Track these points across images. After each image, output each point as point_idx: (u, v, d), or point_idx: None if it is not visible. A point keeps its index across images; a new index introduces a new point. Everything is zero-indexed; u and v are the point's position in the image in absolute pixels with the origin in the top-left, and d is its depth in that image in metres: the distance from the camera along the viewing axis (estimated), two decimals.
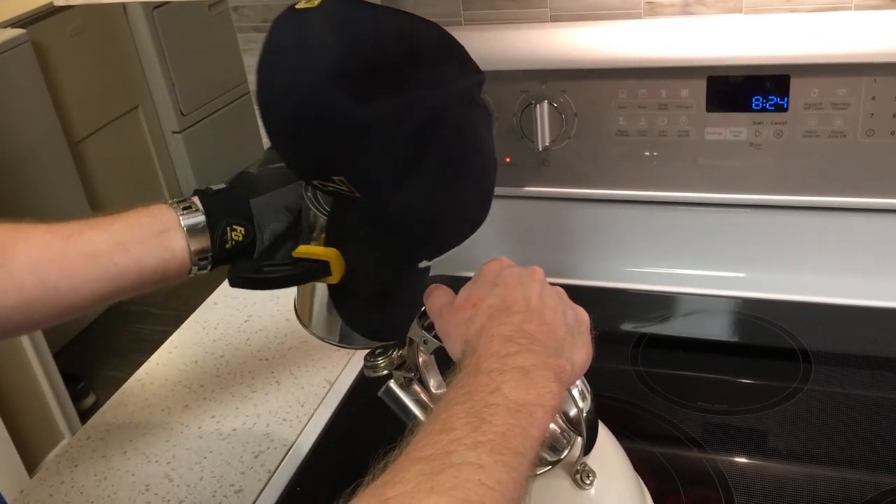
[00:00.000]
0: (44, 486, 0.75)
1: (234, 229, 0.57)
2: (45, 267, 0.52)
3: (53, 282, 0.52)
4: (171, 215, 0.55)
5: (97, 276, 0.53)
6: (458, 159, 0.53)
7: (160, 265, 0.55)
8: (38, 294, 0.52)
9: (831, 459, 0.68)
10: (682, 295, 0.90)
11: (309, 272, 0.56)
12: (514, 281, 0.49)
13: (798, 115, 0.79)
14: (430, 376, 0.56)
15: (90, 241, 0.53)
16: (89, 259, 0.53)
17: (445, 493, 0.35)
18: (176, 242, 0.55)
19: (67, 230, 0.54)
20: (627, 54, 0.81)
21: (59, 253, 0.53)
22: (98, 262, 0.53)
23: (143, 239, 0.54)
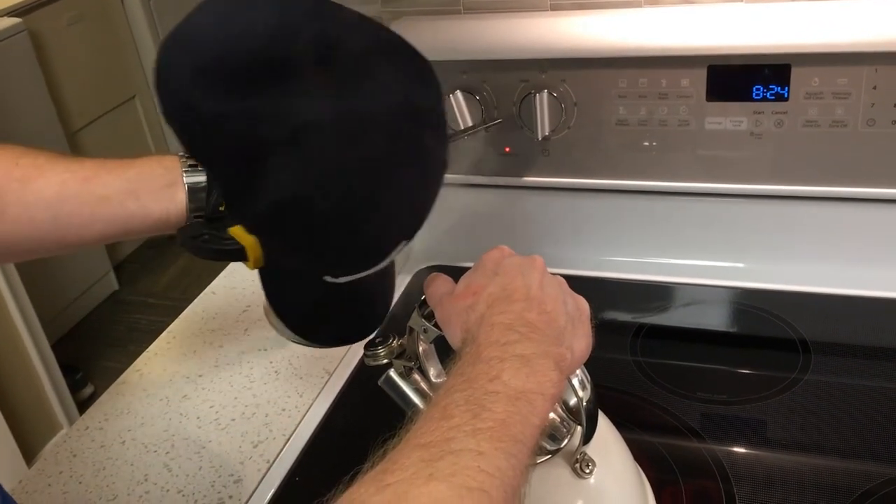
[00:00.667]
0: (42, 476, 0.75)
1: None
2: (59, 205, 0.53)
3: (65, 220, 0.54)
4: (179, 170, 0.55)
5: (106, 218, 0.54)
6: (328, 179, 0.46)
7: (163, 215, 0.55)
8: (49, 229, 0.54)
9: (830, 449, 0.68)
10: (682, 285, 0.90)
11: (230, 253, 0.54)
12: (514, 270, 0.49)
13: (799, 104, 0.78)
14: (430, 365, 0.56)
15: (105, 184, 0.54)
16: (102, 201, 0.54)
17: (445, 479, 0.35)
18: (178, 196, 0.55)
19: (86, 171, 0.55)
20: (628, 43, 0.80)
21: (75, 193, 0.54)
22: (109, 205, 0.53)
23: (153, 189, 0.54)
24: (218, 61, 0.44)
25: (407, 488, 0.34)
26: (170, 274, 2.83)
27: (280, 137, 0.44)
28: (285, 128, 0.44)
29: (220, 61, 0.44)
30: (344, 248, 0.50)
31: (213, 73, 0.44)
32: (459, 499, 0.34)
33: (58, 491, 0.73)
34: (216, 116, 0.44)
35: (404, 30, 0.89)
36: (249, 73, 0.44)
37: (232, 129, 0.45)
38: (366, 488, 0.35)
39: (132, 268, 2.88)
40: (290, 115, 0.44)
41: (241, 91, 0.44)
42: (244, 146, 0.45)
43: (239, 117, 0.44)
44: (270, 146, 0.44)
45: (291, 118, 0.44)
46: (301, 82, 0.44)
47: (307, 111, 0.44)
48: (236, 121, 0.44)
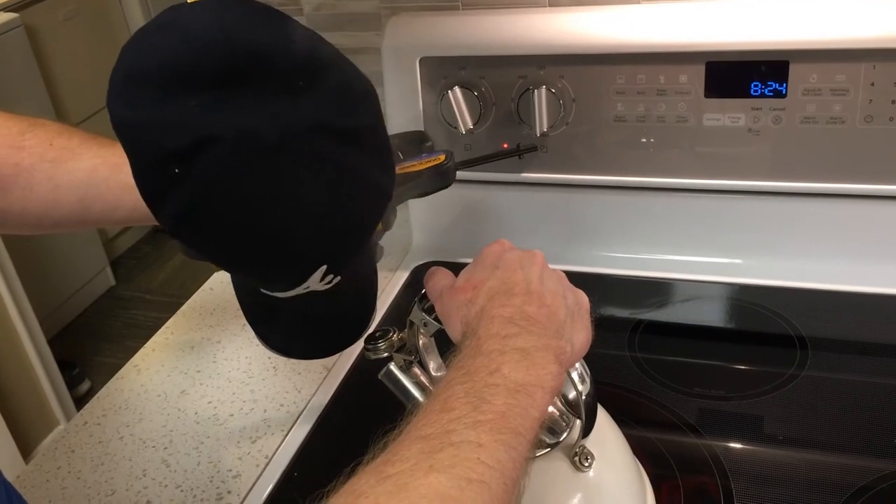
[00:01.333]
0: (40, 471, 0.75)
1: None
2: (87, 189, 0.55)
3: (91, 203, 0.55)
4: None
5: (129, 206, 0.55)
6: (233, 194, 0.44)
7: None
8: (75, 210, 0.55)
9: (827, 445, 0.68)
10: (680, 281, 0.90)
11: None
12: (514, 263, 0.49)
13: (797, 101, 0.78)
14: (430, 359, 0.56)
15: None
16: (127, 190, 0.54)
17: (445, 471, 0.35)
18: None
19: (117, 158, 0.55)
20: (626, 40, 0.81)
21: (104, 179, 0.55)
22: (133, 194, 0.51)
23: None
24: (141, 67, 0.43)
25: (407, 479, 0.35)
26: (167, 270, 2.83)
27: (181, 149, 0.42)
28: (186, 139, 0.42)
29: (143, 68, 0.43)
30: (250, 265, 0.48)
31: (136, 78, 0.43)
32: (459, 490, 0.34)
33: (56, 486, 0.73)
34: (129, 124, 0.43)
35: (402, 26, 0.89)
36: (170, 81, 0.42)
37: (140, 136, 0.43)
38: (366, 479, 0.35)
39: (129, 264, 2.88)
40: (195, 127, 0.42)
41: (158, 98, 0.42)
42: (151, 154, 0.43)
43: (147, 126, 0.42)
44: (172, 157, 0.42)
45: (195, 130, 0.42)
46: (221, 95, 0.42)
47: (210, 126, 0.42)
48: (145, 129, 0.43)
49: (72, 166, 0.55)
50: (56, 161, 0.55)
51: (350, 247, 0.49)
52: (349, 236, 0.48)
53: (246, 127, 0.42)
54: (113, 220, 0.57)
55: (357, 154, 0.46)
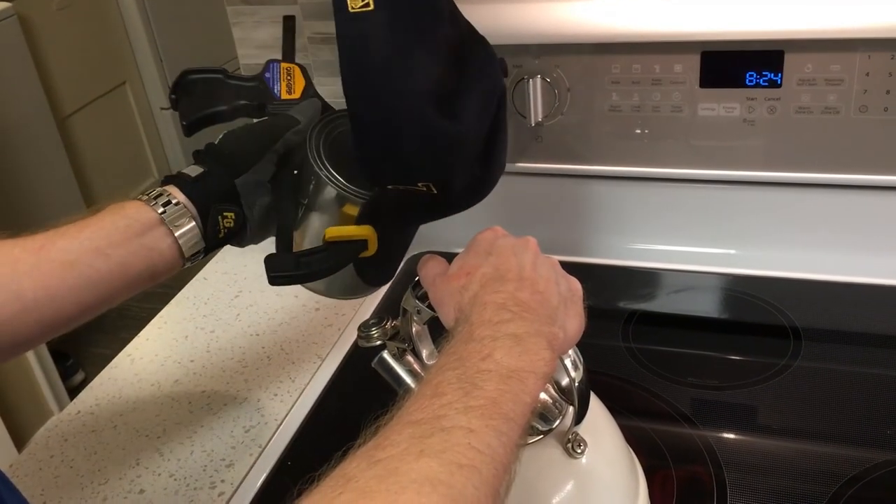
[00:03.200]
0: (33, 460, 0.75)
1: (224, 217, 0.55)
2: (18, 281, 0.49)
3: (31, 295, 0.49)
4: (149, 214, 0.53)
5: (78, 284, 0.51)
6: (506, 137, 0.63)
7: (146, 266, 0.53)
8: (17, 310, 0.49)
9: (820, 435, 0.68)
10: (674, 271, 0.90)
11: (349, 253, 0.55)
12: (507, 250, 0.49)
13: (791, 91, 0.78)
14: (423, 346, 0.56)
15: (63, 249, 0.51)
16: (66, 268, 0.50)
17: (435, 455, 0.35)
18: (161, 241, 0.53)
19: (37, 242, 0.51)
20: (621, 29, 0.80)
21: (33, 265, 0.50)
22: (76, 269, 0.50)
23: (121, 242, 0.52)
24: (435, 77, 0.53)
25: (398, 464, 0.35)
26: None
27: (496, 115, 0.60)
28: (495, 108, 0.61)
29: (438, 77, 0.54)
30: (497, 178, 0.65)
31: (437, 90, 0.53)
32: (450, 475, 0.34)
33: (49, 475, 0.72)
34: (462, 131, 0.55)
35: None
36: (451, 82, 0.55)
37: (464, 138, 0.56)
38: (357, 463, 0.35)
39: None
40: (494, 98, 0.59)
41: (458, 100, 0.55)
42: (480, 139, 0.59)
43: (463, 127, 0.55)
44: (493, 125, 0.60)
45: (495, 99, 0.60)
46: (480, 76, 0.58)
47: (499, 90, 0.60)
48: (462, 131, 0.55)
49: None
50: None
51: None
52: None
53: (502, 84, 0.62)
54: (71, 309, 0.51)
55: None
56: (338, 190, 0.57)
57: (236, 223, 0.56)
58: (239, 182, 0.57)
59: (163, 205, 0.53)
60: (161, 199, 0.54)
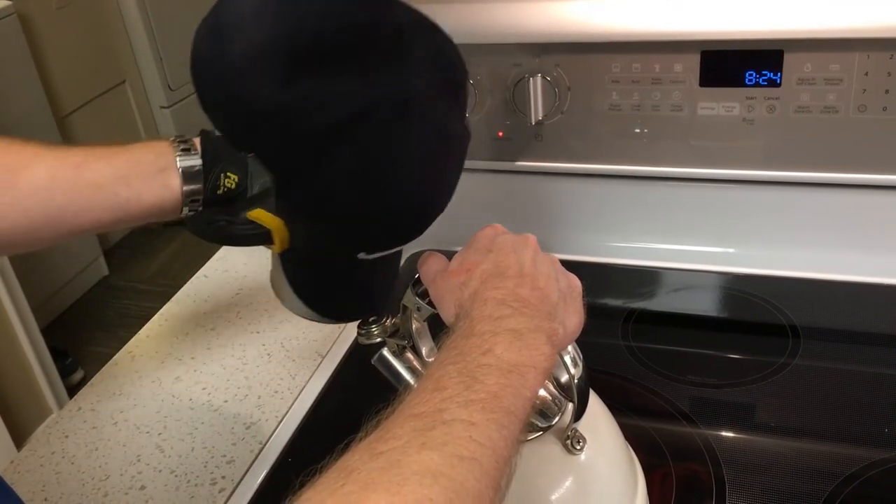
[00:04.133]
0: (34, 456, 0.75)
1: (227, 176, 0.56)
2: (51, 194, 0.53)
3: (58, 209, 0.53)
4: (171, 156, 0.55)
5: (100, 206, 0.54)
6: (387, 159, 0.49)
7: (157, 202, 0.54)
8: (42, 219, 0.53)
9: (818, 433, 0.68)
10: (674, 270, 0.91)
11: (254, 236, 0.54)
12: (507, 247, 0.49)
13: (791, 90, 0.79)
14: (423, 344, 0.56)
15: (96, 171, 0.53)
16: (95, 189, 0.53)
17: (437, 448, 0.35)
18: (173, 181, 0.54)
19: (76, 158, 0.54)
20: (622, 28, 0.81)
21: (67, 181, 0.53)
22: (102, 192, 0.53)
23: (145, 175, 0.54)
24: (263, 48, 0.44)
25: (399, 456, 0.35)
26: (160, 260, 2.82)
27: (336, 123, 0.45)
28: (341, 113, 0.44)
29: (271, 46, 0.44)
30: (393, 226, 0.53)
31: (265, 59, 0.44)
32: (451, 467, 0.35)
33: (50, 471, 0.73)
34: (272, 105, 0.45)
35: None
36: (295, 59, 0.44)
37: (288, 116, 0.45)
38: (359, 456, 0.35)
39: (122, 253, 2.87)
40: (345, 100, 0.44)
41: (290, 77, 0.44)
42: (301, 133, 0.45)
43: (293, 104, 0.45)
44: (327, 132, 0.45)
45: (346, 104, 0.44)
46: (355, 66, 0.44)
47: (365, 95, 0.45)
48: (292, 108, 0.45)
49: (31, 173, 0.53)
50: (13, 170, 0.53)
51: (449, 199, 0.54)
52: (452, 189, 0.54)
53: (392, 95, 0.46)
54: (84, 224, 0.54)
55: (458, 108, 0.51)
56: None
57: (238, 187, 0.57)
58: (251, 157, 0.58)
59: (182, 150, 0.55)
60: (183, 144, 0.56)
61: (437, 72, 0.48)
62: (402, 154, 0.48)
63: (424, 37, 0.48)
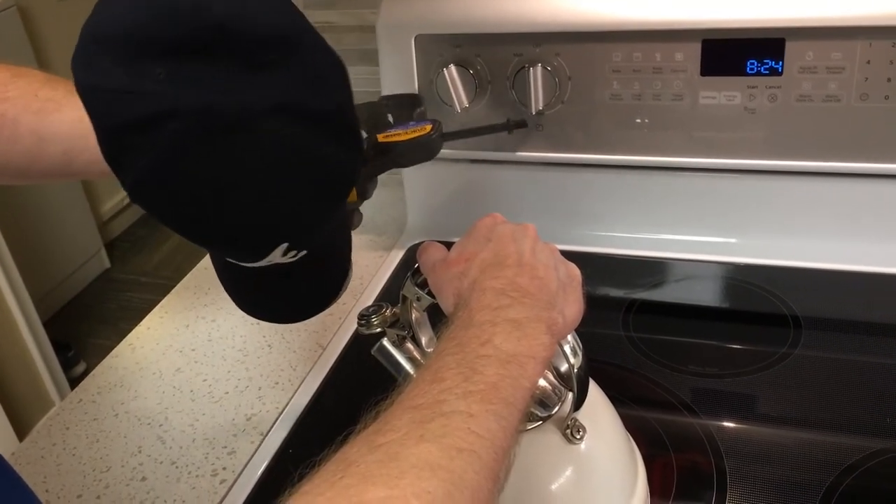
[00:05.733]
0: (35, 448, 0.75)
1: None
2: (72, 141, 0.54)
3: (75, 155, 0.55)
4: None
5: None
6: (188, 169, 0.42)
7: None
8: (59, 161, 0.55)
9: (819, 423, 0.68)
10: (675, 260, 0.90)
11: None
12: (507, 236, 0.49)
13: (792, 79, 0.78)
14: (423, 334, 0.56)
15: None
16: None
17: (435, 440, 0.35)
18: None
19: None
20: (622, 17, 0.80)
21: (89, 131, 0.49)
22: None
23: None
24: (101, 34, 0.41)
25: (398, 449, 0.35)
26: (161, 253, 2.82)
27: (139, 120, 0.40)
28: (143, 111, 0.40)
29: (103, 34, 0.41)
30: (211, 241, 0.48)
31: (97, 44, 0.41)
32: (449, 459, 0.35)
33: (51, 463, 0.73)
34: (89, 88, 0.41)
35: (398, 3, 0.89)
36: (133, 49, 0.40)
37: (99, 102, 0.41)
38: (357, 448, 0.35)
39: (124, 246, 2.88)
40: (153, 100, 0.40)
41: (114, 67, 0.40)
42: (110, 121, 0.41)
43: (107, 92, 0.41)
44: (131, 127, 0.41)
45: (153, 104, 0.40)
46: (176, 67, 0.40)
47: (168, 100, 0.40)
48: (105, 95, 0.41)
49: (56, 118, 0.54)
50: (41, 112, 0.54)
51: (310, 226, 0.48)
52: (308, 216, 0.47)
53: (203, 104, 0.40)
54: (98, 171, 0.53)
55: (319, 135, 0.44)
56: None
57: None
58: None
59: None
60: None
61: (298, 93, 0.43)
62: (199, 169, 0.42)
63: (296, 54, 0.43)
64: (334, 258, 0.56)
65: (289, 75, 0.42)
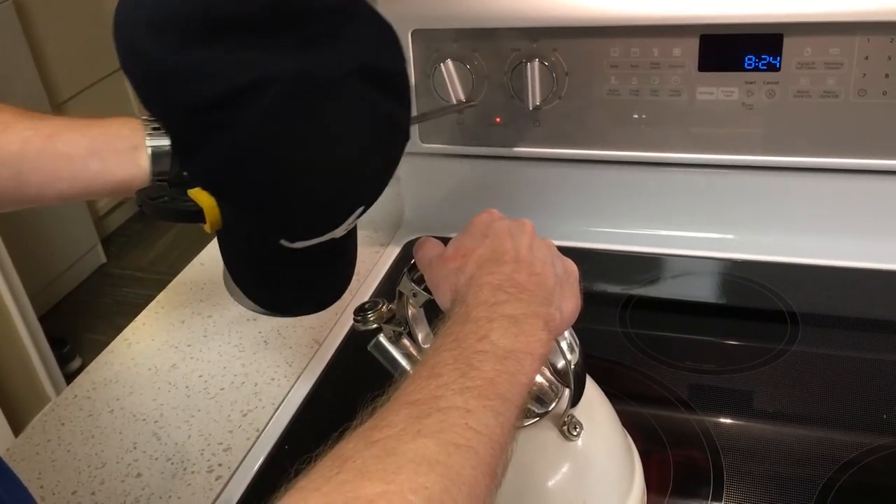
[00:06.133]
0: (30, 444, 0.74)
1: None
2: (21, 162, 0.52)
3: (26, 177, 0.53)
4: (142, 134, 0.54)
5: (68, 177, 0.53)
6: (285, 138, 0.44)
7: (127, 179, 0.54)
8: (9, 186, 0.53)
9: (816, 420, 0.68)
10: (672, 256, 0.90)
11: (188, 214, 0.52)
12: (504, 232, 0.49)
13: (790, 74, 0.78)
14: (420, 330, 0.56)
15: (69, 142, 0.53)
16: (65, 160, 0.53)
17: (432, 435, 0.35)
18: (143, 160, 0.54)
19: (50, 129, 0.53)
20: (620, 12, 0.80)
21: (38, 150, 0.52)
22: (72, 164, 0.53)
23: (118, 150, 0.53)
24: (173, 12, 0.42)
25: (395, 444, 0.35)
26: (158, 248, 2.82)
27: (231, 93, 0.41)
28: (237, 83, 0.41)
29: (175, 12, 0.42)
30: (293, 213, 0.48)
31: (167, 23, 0.42)
32: (447, 455, 0.34)
33: (46, 459, 0.72)
34: (168, 68, 0.42)
35: None
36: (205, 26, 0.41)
37: (183, 81, 0.42)
38: (354, 444, 0.35)
39: (120, 241, 2.87)
40: (243, 70, 0.41)
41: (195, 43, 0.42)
42: (194, 99, 0.42)
43: (190, 69, 0.42)
44: (221, 101, 0.42)
45: (244, 74, 0.41)
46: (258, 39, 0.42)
47: (262, 68, 0.42)
48: (187, 73, 0.42)
49: (4, 139, 0.52)
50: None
51: (382, 185, 0.50)
52: (382, 175, 0.50)
53: (300, 69, 0.42)
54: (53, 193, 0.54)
55: (387, 94, 0.47)
56: None
57: None
58: None
59: (153, 129, 0.55)
60: (153, 124, 0.55)
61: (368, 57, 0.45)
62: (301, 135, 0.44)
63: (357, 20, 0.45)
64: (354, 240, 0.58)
65: (359, 40, 0.45)
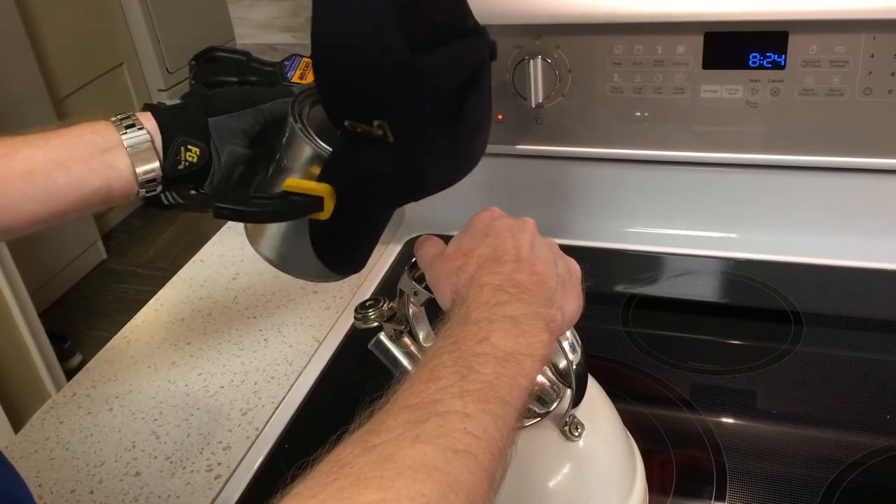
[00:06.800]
0: (28, 442, 0.74)
1: (188, 149, 0.54)
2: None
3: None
4: (113, 133, 0.53)
5: (35, 195, 0.51)
6: (484, 112, 0.56)
7: (103, 185, 0.52)
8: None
9: (819, 420, 0.68)
10: (675, 255, 0.90)
11: (300, 207, 0.52)
12: (505, 231, 0.48)
13: (795, 72, 0.77)
14: (420, 328, 0.56)
15: (27, 158, 0.51)
16: (26, 177, 0.50)
17: (431, 441, 0.34)
18: (119, 162, 0.52)
19: (3, 148, 0.51)
20: (623, 9, 0.79)
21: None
22: (35, 180, 0.51)
23: (84, 157, 0.52)
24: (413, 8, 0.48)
25: (393, 450, 0.34)
26: (158, 244, 2.81)
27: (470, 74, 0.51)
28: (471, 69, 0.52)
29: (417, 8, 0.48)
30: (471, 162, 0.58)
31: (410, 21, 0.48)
32: (445, 461, 0.34)
33: (44, 457, 0.72)
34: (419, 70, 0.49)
35: None
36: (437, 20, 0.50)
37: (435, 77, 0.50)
38: (352, 448, 0.35)
39: (120, 237, 2.87)
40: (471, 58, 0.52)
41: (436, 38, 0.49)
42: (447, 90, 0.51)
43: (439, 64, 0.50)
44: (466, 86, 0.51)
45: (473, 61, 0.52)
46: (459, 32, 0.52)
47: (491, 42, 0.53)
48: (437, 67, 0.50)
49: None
50: None
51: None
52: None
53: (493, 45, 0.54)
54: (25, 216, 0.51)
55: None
56: (309, 144, 0.55)
57: (200, 159, 0.55)
58: (213, 121, 0.56)
59: (126, 126, 0.53)
60: (127, 121, 0.53)
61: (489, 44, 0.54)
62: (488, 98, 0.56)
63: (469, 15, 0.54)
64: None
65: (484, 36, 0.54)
